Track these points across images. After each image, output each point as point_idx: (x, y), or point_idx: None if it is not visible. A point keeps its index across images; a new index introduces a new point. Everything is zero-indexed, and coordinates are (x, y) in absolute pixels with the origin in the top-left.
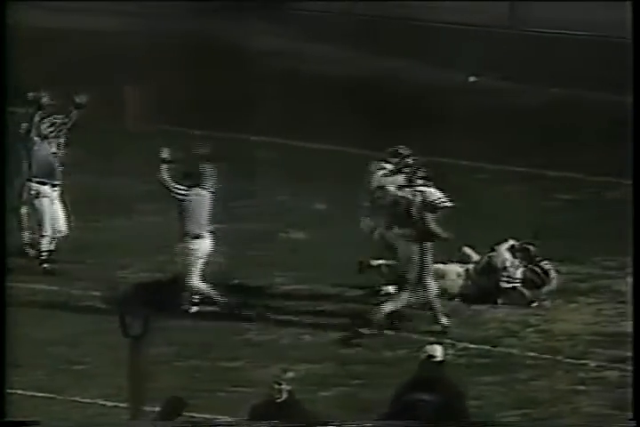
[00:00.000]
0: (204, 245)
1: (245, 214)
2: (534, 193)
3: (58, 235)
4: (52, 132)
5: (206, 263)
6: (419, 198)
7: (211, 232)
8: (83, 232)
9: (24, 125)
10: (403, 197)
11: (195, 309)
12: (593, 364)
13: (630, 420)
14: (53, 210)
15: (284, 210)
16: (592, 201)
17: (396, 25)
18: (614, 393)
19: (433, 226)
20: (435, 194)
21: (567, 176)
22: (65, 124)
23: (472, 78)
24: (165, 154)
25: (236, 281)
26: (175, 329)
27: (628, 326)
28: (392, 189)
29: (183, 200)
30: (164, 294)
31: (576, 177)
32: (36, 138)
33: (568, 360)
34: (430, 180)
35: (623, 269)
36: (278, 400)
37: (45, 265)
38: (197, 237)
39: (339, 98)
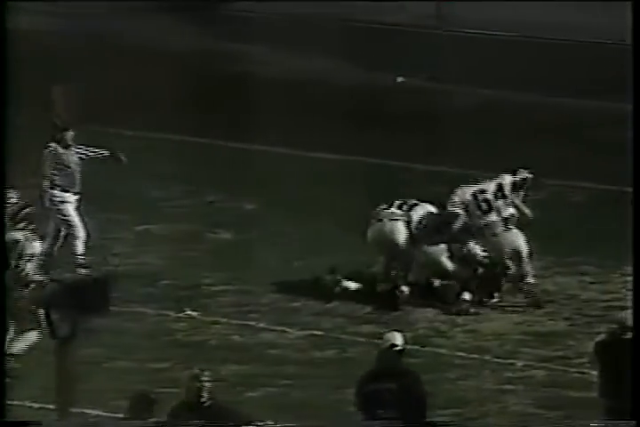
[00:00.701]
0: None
1: (174, 215)
2: None
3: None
4: (77, 144)
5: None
6: (507, 179)
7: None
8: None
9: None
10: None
11: None
12: (520, 363)
13: (630, 420)
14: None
15: (212, 210)
16: None
17: (324, 25)
18: (540, 392)
19: (521, 205)
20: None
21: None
22: (96, 153)
23: (400, 79)
24: None
25: (165, 282)
26: (103, 330)
27: (554, 326)
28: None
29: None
30: (92, 295)
31: None
32: (60, 149)
33: (496, 360)
34: None
35: (549, 269)
36: (201, 400)
37: None
38: None
39: (269, 98)
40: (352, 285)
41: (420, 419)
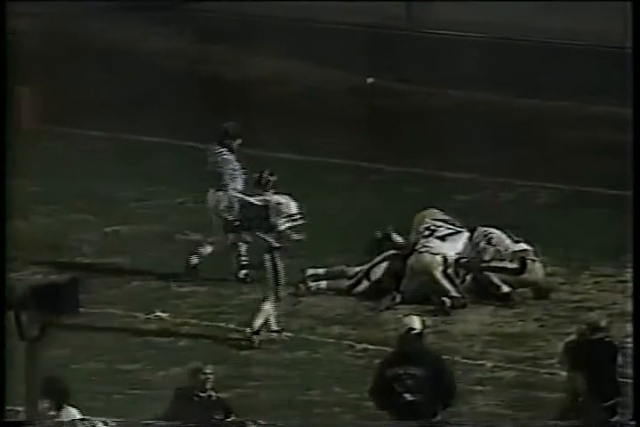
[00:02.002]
0: None
1: (144, 216)
2: (432, 194)
3: None
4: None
5: None
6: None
7: None
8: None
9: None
10: None
11: None
12: (490, 364)
13: (631, 420)
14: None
15: (182, 211)
16: (488, 202)
17: (293, 26)
18: (510, 393)
19: None
20: None
21: (464, 177)
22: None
23: (370, 80)
24: None
25: (135, 283)
26: (72, 331)
27: (524, 327)
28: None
29: None
30: (62, 296)
31: (472, 178)
32: (230, 154)
33: (465, 361)
34: None
35: None
36: (202, 394)
37: None
38: None
39: (237, 99)
40: (323, 283)
41: (446, 402)
